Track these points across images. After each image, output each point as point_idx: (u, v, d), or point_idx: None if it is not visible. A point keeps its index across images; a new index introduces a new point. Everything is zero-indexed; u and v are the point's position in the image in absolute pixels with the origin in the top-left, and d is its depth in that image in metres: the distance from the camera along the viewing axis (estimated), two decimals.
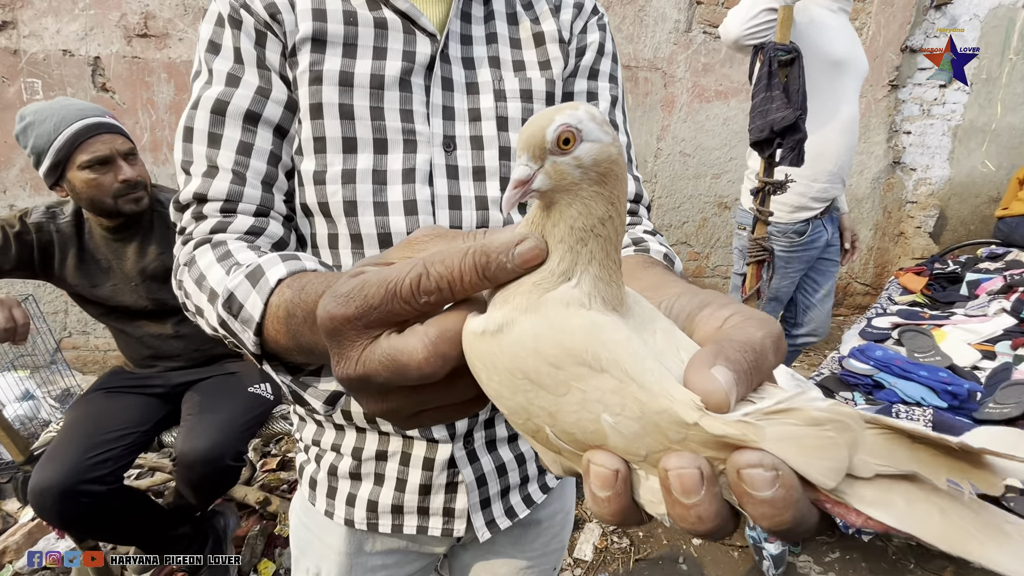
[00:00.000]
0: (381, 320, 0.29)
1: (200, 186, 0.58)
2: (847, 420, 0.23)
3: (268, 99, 0.59)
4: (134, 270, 1.59)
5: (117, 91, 3.02)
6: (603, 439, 0.26)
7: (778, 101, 1.46)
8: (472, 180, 0.64)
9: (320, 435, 0.71)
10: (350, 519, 0.71)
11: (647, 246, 0.63)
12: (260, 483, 2.42)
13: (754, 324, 0.28)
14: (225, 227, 0.57)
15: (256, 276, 0.45)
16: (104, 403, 1.60)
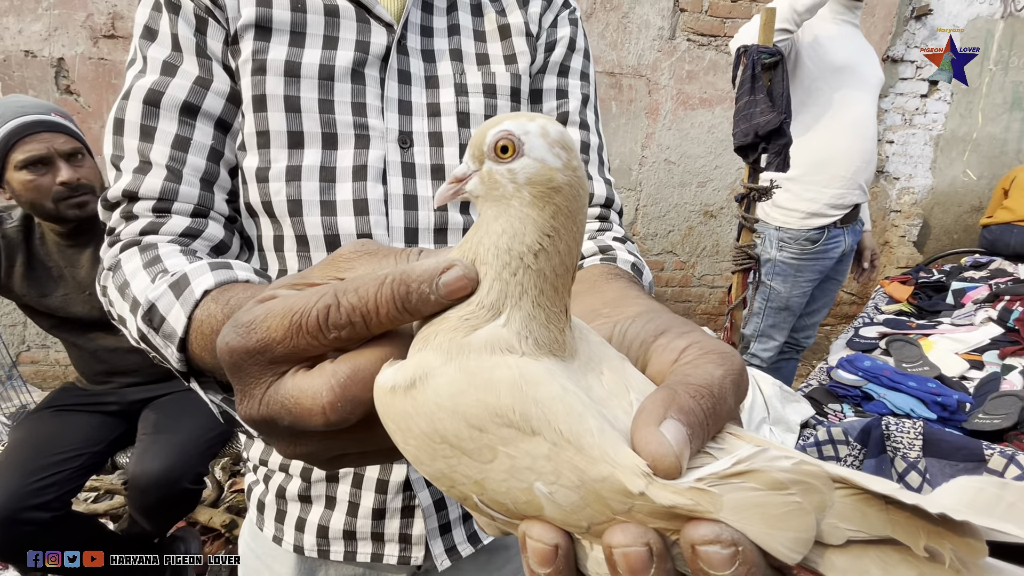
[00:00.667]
0: (286, 356, 0.26)
1: (131, 183, 0.53)
2: (814, 481, 0.20)
3: (208, 90, 0.55)
4: (88, 278, 1.50)
5: (82, 94, 2.92)
6: (538, 510, 0.23)
7: (762, 105, 1.42)
8: (431, 179, 0.60)
9: (268, 454, 0.66)
10: (300, 545, 0.65)
11: (614, 255, 0.60)
12: (227, 504, 2.30)
13: (713, 359, 0.25)
14: (157, 228, 0.52)
15: (181, 286, 0.42)
16: (52, 422, 1.50)
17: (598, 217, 0.70)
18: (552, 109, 0.68)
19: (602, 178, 0.70)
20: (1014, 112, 3.94)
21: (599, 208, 0.70)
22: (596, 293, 0.44)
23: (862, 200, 2.07)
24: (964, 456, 1.45)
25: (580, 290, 0.49)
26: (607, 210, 0.70)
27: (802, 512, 0.20)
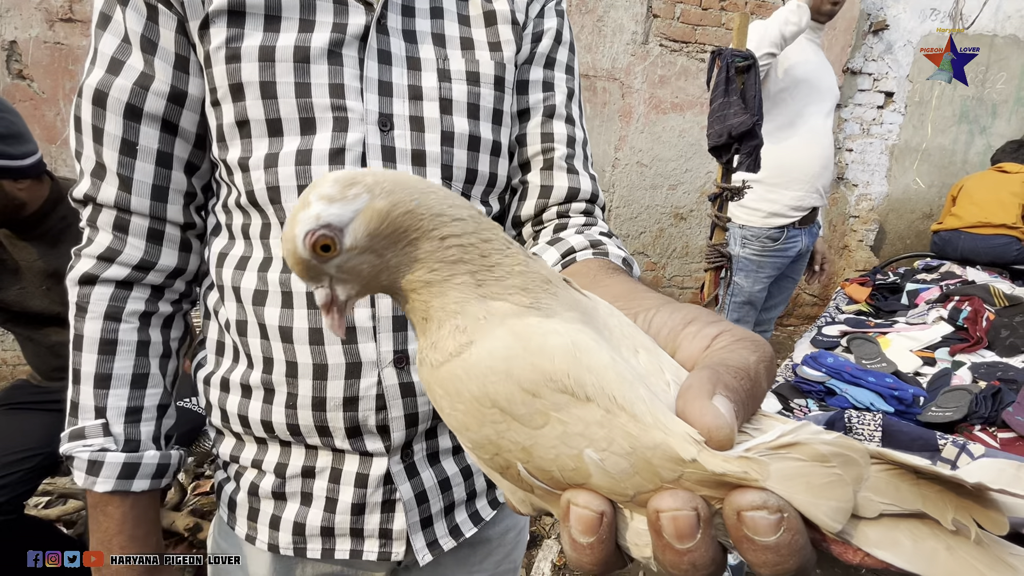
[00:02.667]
0: None
1: (90, 188, 0.57)
2: (853, 455, 0.21)
3: (148, 91, 0.54)
4: (44, 272, 1.42)
5: (36, 79, 2.78)
6: (586, 477, 0.23)
7: (735, 107, 1.47)
8: (411, 164, 0.58)
9: (239, 450, 0.64)
10: (274, 544, 0.63)
11: (605, 249, 0.59)
12: (191, 508, 2.22)
13: (748, 346, 0.26)
14: (114, 256, 0.57)
15: (94, 471, 0.57)
16: (4, 421, 1.42)
17: (584, 212, 0.68)
18: (538, 101, 0.67)
19: (587, 173, 0.69)
20: (962, 124, 4.17)
21: (584, 203, 0.68)
22: (601, 287, 0.44)
23: (820, 203, 2.20)
24: (920, 446, 1.52)
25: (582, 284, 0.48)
26: (592, 205, 0.69)
27: (842, 483, 0.21)
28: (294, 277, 0.56)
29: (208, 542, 0.73)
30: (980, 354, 2.03)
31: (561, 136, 0.67)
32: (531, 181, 0.67)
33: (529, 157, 0.67)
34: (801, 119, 2.08)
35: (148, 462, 0.59)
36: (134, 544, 0.59)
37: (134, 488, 0.57)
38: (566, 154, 0.67)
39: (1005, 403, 1.66)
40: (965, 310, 2.24)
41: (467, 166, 0.61)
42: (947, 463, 1.48)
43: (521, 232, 0.70)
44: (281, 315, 0.57)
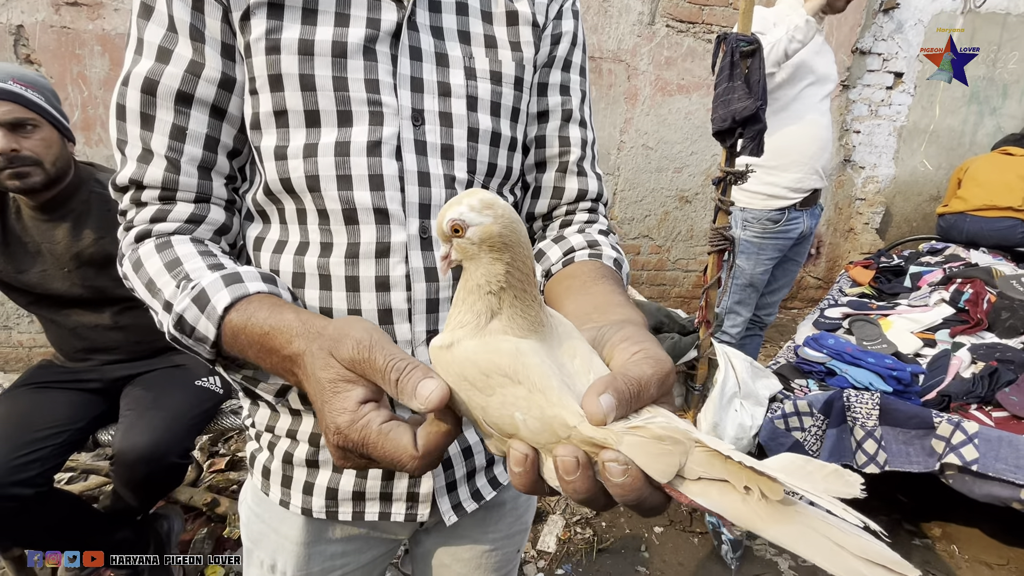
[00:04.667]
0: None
1: (135, 172, 0.57)
2: (680, 437, 0.33)
3: (200, 77, 0.56)
4: (67, 255, 1.47)
5: (43, 64, 2.80)
6: (516, 430, 0.36)
7: (740, 91, 1.48)
8: (440, 158, 0.61)
9: (275, 420, 0.67)
10: (307, 508, 0.67)
11: (600, 250, 0.67)
12: (207, 484, 2.30)
13: (649, 363, 0.37)
14: (165, 215, 0.57)
15: (202, 302, 0.50)
16: (31, 399, 1.48)
17: (588, 210, 0.75)
18: (557, 105, 0.71)
19: (594, 173, 0.75)
20: (971, 105, 4.12)
21: (590, 202, 0.75)
22: (587, 295, 0.56)
23: (820, 185, 2.22)
24: (916, 424, 1.56)
25: (573, 287, 0.59)
26: (596, 203, 0.75)
27: (669, 454, 0.33)
28: (332, 261, 0.59)
29: (240, 509, 0.77)
30: (980, 336, 2.05)
31: (576, 140, 0.72)
32: (545, 183, 0.73)
33: (546, 158, 0.73)
34: (798, 102, 2.09)
35: (248, 270, 0.54)
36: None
37: (250, 289, 0.51)
38: (579, 157, 0.73)
39: (1001, 382, 1.70)
40: (967, 292, 2.26)
41: (488, 160, 0.65)
42: (942, 440, 1.52)
43: (532, 225, 0.77)
44: (320, 297, 0.60)
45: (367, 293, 0.59)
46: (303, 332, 0.44)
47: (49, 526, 1.39)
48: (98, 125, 3.06)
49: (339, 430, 0.39)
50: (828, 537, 0.30)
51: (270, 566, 0.72)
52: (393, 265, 0.59)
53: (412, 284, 0.60)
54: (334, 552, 0.72)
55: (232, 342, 0.50)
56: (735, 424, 1.75)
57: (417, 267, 0.60)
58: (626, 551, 1.97)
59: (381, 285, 0.59)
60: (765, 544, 1.98)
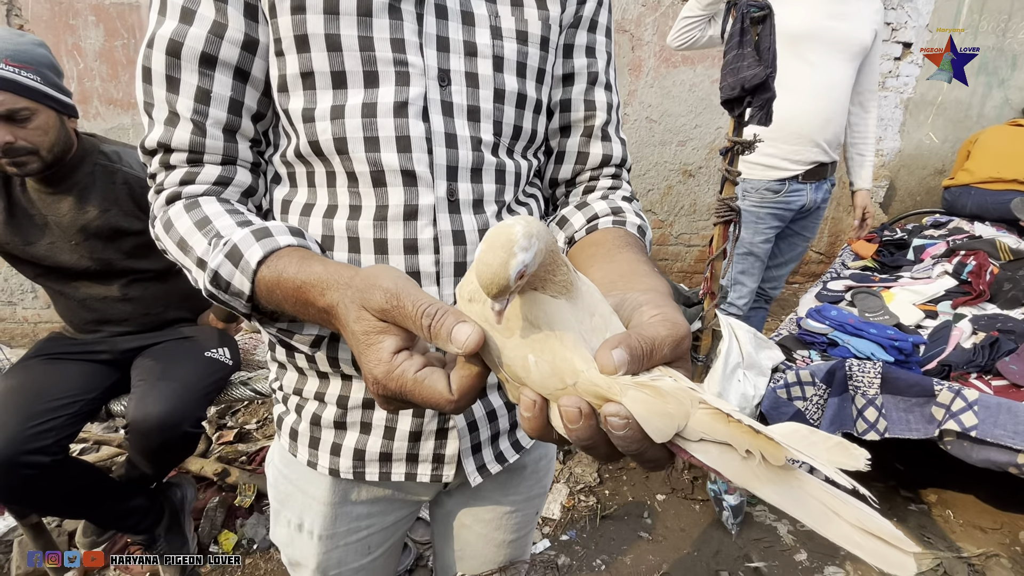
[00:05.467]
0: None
1: (163, 135, 0.57)
2: (684, 399, 0.34)
3: (223, 39, 0.55)
4: (73, 227, 1.47)
5: (36, 34, 2.75)
6: (528, 374, 0.37)
7: (749, 59, 1.45)
8: (467, 119, 0.61)
9: (302, 383, 0.68)
10: (335, 469, 0.68)
11: (624, 217, 0.66)
12: (217, 455, 2.35)
13: (665, 326, 0.39)
14: (193, 177, 0.58)
15: (235, 256, 0.51)
16: (44, 370, 1.49)
17: (612, 176, 0.74)
18: (583, 67, 0.69)
19: (619, 138, 0.73)
20: (980, 76, 4.06)
21: (614, 168, 0.74)
22: (612, 263, 0.56)
23: (825, 159, 2.16)
24: (917, 392, 1.58)
25: (598, 255, 0.59)
26: (620, 169, 0.74)
27: (668, 416, 0.34)
28: (361, 223, 0.59)
29: (267, 471, 0.79)
30: (981, 307, 2.07)
31: (602, 104, 0.71)
32: (569, 148, 0.72)
33: (571, 122, 0.71)
34: (799, 72, 2.01)
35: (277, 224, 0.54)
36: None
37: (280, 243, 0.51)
38: (604, 121, 0.71)
39: (1001, 352, 1.72)
40: (970, 264, 2.27)
41: (514, 123, 0.64)
42: (942, 407, 1.55)
43: (555, 191, 0.76)
44: (349, 259, 0.60)
45: (395, 256, 0.59)
46: (333, 283, 0.45)
47: (66, 493, 1.43)
48: (95, 98, 3.02)
49: (377, 380, 0.40)
50: (825, 504, 0.31)
51: (297, 525, 0.74)
52: (421, 228, 0.59)
53: (440, 247, 0.60)
54: (360, 513, 0.74)
55: (268, 295, 0.51)
56: (738, 394, 1.78)
57: (445, 230, 0.60)
58: (629, 518, 2.02)
59: (409, 248, 0.59)
60: (765, 511, 2.03)
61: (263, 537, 1.91)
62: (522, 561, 0.89)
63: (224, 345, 1.67)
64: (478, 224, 0.62)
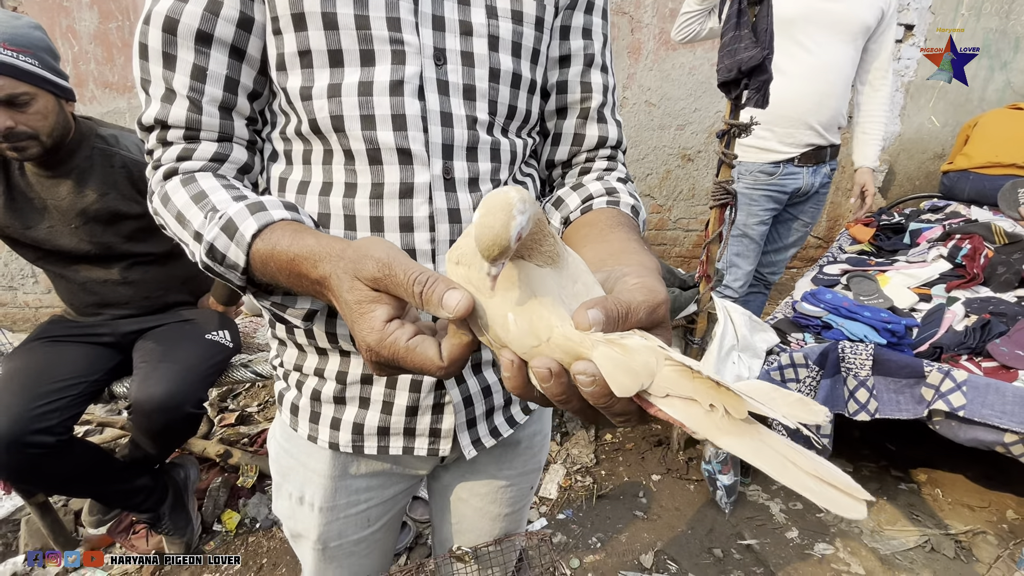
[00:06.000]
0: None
1: (160, 111, 0.58)
2: (650, 356, 0.36)
3: (219, 17, 0.55)
4: (72, 211, 1.47)
5: (31, 17, 2.72)
6: (507, 334, 0.39)
7: (746, 40, 1.45)
8: (462, 98, 0.61)
9: (302, 360, 0.69)
10: (335, 442, 0.70)
11: (618, 198, 0.67)
12: (218, 437, 2.38)
13: (642, 292, 0.41)
14: (190, 154, 0.59)
15: (230, 230, 0.52)
16: (47, 352, 1.51)
17: (608, 157, 0.75)
18: (579, 49, 0.70)
19: (614, 119, 0.74)
20: (983, 59, 4.02)
21: (609, 149, 0.75)
22: (604, 243, 0.57)
23: (821, 142, 2.15)
24: (907, 373, 1.61)
25: (591, 235, 0.60)
26: (615, 150, 0.75)
27: (633, 373, 0.35)
28: (357, 201, 0.60)
29: (269, 446, 0.81)
30: (975, 290, 2.08)
31: (598, 85, 0.71)
32: (565, 129, 0.73)
33: (567, 104, 0.72)
34: (791, 55, 2.00)
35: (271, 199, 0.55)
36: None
37: (274, 216, 0.52)
38: (600, 103, 0.72)
39: (992, 334, 1.74)
40: (965, 248, 2.28)
41: (509, 102, 0.64)
42: (932, 388, 1.57)
43: (552, 173, 0.77)
44: (345, 237, 0.60)
45: (391, 234, 0.60)
46: (326, 255, 0.46)
47: (71, 473, 1.45)
48: (90, 81, 3.00)
49: (370, 348, 0.42)
50: (783, 455, 0.32)
51: (298, 498, 0.76)
52: (417, 206, 0.60)
53: (436, 225, 0.61)
54: (359, 487, 0.76)
55: (262, 268, 0.52)
56: (732, 376, 1.80)
57: (440, 208, 0.61)
58: (624, 497, 2.06)
59: (405, 226, 0.60)
60: (758, 490, 2.07)
61: (265, 516, 1.95)
62: (517, 534, 0.92)
63: (224, 328, 1.69)
64: (473, 202, 0.63)
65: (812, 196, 2.30)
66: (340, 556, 0.80)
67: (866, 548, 1.80)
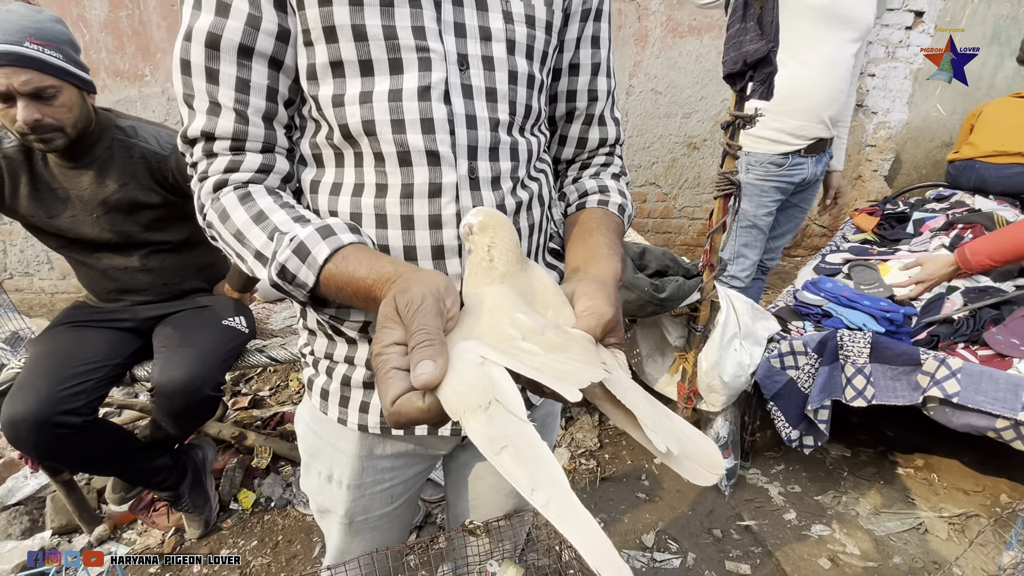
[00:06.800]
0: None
1: (206, 124, 0.60)
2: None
3: (259, 31, 0.58)
4: (94, 201, 1.52)
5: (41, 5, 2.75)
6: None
7: (752, 32, 1.46)
8: (485, 100, 0.64)
9: (332, 348, 0.73)
10: (364, 424, 0.74)
11: (608, 197, 0.75)
12: (233, 420, 2.45)
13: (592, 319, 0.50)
14: (237, 166, 0.62)
15: (302, 253, 0.55)
16: (71, 336, 1.57)
17: (606, 154, 0.81)
18: (587, 57, 0.74)
19: (613, 119, 0.80)
20: (992, 47, 3.99)
21: (608, 147, 0.81)
22: (583, 245, 0.66)
23: (826, 135, 2.18)
24: (904, 361, 1.65)
25: (575, 236, 0.69)
26: (613, 147, 0.81)
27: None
28: (388, 201, 0.63)
29: (297, 428, 0.86)
30: (975, 279, 2.11)
31: (603, 91, 0.78)
32: (572, 133, 0.80)
33: (575, 111, 0.78)
34: (814, 47, 2.01)
35: (336, 222, 0.58)
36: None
37: (344, 241, 0.56)
38: (603, 107, 0.79)
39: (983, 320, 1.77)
40: (967, 237, 2.30)
41: (526, 103, 0.68)
42: (927, 375, 1.61)
43: (557, 168, 0.84)
44: (377, 235, 0.64)
45: (421, 231, 0.63)
46: (397, 279, 0.50)
47: (96, 452, 1.52)
48: (101, 70, 3.03)
49: (372, 354, 0.45)
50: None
51: (327, 476, 0.81)
52: (445, 204, 0.63)
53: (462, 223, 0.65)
54: (384, 467, 0.81)
55: (335, 292, 0.56)
56: (734, 363, 1.85)
57: (467, 206, 0.64)
58: (627, 480, 2.12)
59: (434, 223, 0.63)
60: (757, 473, 2.13)
61: (279, 495, 2.02)
62: (527, 510, 0.97)
63: (240, 314, 1.75)
64: (496, 200, 0.66)
65: (812, 184, 2.33)
66: (364, 530, 0.85)
67: (861, 530, 1.86)
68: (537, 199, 0.71)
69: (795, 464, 2.17)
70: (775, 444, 2.24)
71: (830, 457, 2.21)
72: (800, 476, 2.11)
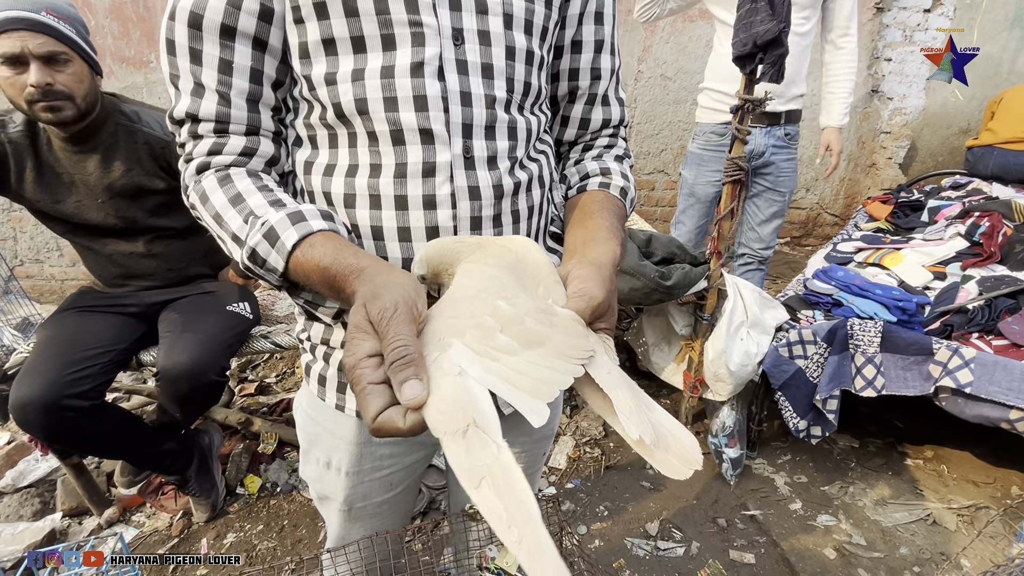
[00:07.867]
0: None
1: (191, 105, 0.60)
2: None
3: (240, 10, 0.57)
4: (99, 186, 1.52)
5: None
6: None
7: (763, 13, 1.43)
8: (481, 77, 0.62)
9: (329, 334, 0.72)
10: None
11: (610, 180, 0.73)
12: (239, 406, 2.47)
13: (582, 301, 0.50)
14: (220, 148, 0.61)
15: (272, 238, 0.55)
16: (78, 321, 1.58)
17: (610, 135, 0.79)
18: (591, 34, 0.72)
19: (617, 99, 0.78)
20: (1014, 30, 3.87)
21: (612, 128, 0.79)
22: (583, 228, 0.64)
23: (770, 108, 2.13)
24: (915, 350, 1.61)
25: (575, 219, 0.67)
26: (617, 128, 0.80)
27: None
28: (382, 181, 0.62)
29: (296, 415, 0.85)
30: (991, 268, 2.06)
31: (606, 70, 0.75)
32: (574, 113, 0.78)
33: (577, 90, 0.76)
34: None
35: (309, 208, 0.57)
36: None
37: (313, 227, 0.55)
38: (607, 87, 0.76)
39: (999, 309, 1.73)
40: (983, 225, 2.25)
41: (524, 79, 0.66)
42: (940, 365, 1.58)
43: (559, 149, 0.82)
44: (371, 216, 0.62)
45: (415, 211, 0.62)
46: (359, 275, 0.50)
47: (104, 435, 1.53)
48: (107, 56, 3.03)
49: (345, 367, 0.43)
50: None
51: (326, 463, 0.80)
52: (439, 184, 0.61)
53: (457, 203, 0.62)
54: (383, 454, 0.80)
55: (304, 277, 0.55)
56: (741, 352, 1.82)
57: (461, 186, 0.62)
58: (632, 468, 2.11)
59: (428, 203, 0.62)
60: (764, 463, 2.11)
61: (285, 481, 2.04)
62: None
63: (244, 300, 1.75)
64: (492, 180, 0.64)
65: (776, 162, 2.24)
66: (364, 516, 0.85)
67: (868, 520, 1.84)
68: (537, 180, 0.69)
69: (802, 454, 2.15)
70: (782, 434, 2.22)
71: (838, 448, 2.19)
72: (807, 466, 2.09)
